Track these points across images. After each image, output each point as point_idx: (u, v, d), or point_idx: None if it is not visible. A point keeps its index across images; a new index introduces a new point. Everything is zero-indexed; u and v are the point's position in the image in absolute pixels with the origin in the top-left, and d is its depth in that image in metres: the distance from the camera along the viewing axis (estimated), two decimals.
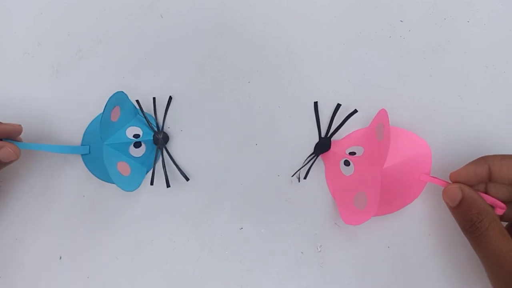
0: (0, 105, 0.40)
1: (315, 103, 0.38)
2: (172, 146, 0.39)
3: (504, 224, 0.34)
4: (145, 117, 0.38)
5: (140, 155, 0.38)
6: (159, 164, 0.38)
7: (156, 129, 0.39)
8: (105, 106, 0.34)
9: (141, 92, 0.39)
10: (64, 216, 0.38)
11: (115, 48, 0.40)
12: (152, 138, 0.38)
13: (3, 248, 0.37)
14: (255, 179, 0.38)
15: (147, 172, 0.39)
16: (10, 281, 0.37)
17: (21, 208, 0.38)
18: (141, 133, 0.38)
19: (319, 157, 0.38)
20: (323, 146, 0.38)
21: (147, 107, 0.39)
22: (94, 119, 0.39)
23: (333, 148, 0.38)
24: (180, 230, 0.38)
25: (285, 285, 0.37)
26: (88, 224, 0.38)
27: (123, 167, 0.37)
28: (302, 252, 0.37)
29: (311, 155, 0.38)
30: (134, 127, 0.38)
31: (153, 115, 0.39)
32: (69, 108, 0.39)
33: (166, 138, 0.38)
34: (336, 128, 0.38)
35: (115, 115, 0.36)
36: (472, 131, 0.38)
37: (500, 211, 0.32)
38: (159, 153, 0.38)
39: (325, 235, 0.37)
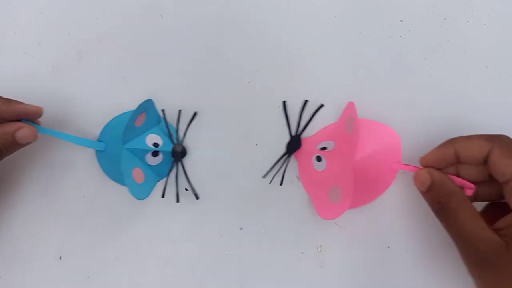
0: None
1: (284, 102, 0.38)
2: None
3: (484, 204, 0.34)
4: (167, 128, 0.38)
5: (156, 164, 0.38)
6: (171, 177, 0.38)
7: (176, 141, 0.38)
8: (134, 111, 0.35)
9: (138, 92, 0.39)
10: (64, 216, 0.38)
11: (115, 48, 0.40)
12: (170, 149, 0.38)
13: (3, 248, 0.37)
14: (255, 179, 0.38)
15: (158, 181, 0.38)
16: (10, 281, 0.37)
17: (21, 208, 0.38)
18: (160, 143, 0.38)
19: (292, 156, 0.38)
20: (294, 144, 0.38)
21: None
22: (115, 117, 0.39)
23: (304, 145, 0.38)
24: (180, 230, 0.38)
25: (285, 285, 0.37)
26: (88, 224, 0.38)
27: (138, 174, 0.37)
28: (302, 252, 0.37)
29: (284, 155, 0.38)
30: (155, 135, 0.38)
31: (176, 127, 0.39)
32: (69, 108, 0.39)
33: (184, 152, 0.38)
34: (305, 125, 0.38)
35: (140, 121, 0.37)
36: (470, 131, 0.38)
37: (469, 192, 0.32)
38: (175, 166, 0.38)
39: (325, 235, 0.37)
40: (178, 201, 0.37)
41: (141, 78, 0.40)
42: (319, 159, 0.37)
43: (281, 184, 0.38)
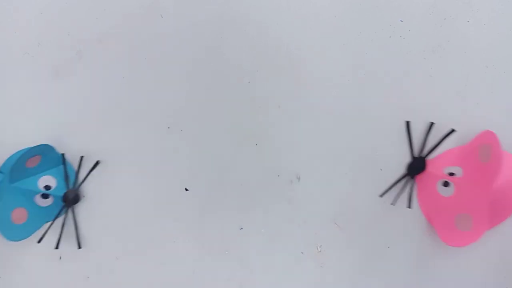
0: (0, 105, 0.40)
1: (407, 122, 0.37)
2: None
3: None
4: (65, 172, 0.37)
5: (45, 206, 0.38)
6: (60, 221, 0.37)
7: (72, 186, 0.38)
8: (25, 153, 0.34)
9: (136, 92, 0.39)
10: (64, 216, 0.38)
11: (115, 48, 0.40)
12: (62, 194, 0.37)
13: (3, 248, 0.37)
14: (255, 179, 0.38)
15: (44, 224, 0.38)
16: (10, 281, 0.37)
17: None
18: (54, 185, 0.38)
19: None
20: (418, 166, 0.37)
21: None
22: (20, 150, 0.37)
23: (429, 168, 0.37)
24: (180, 230, 0.38)
25: (285, 285, 0.37)
26: (88, 224, 0.38)
27: (19, 214, 0.36)
28: (302, 252, 0.37)
29: (404, 176, 0.37)
30: (50, 177, 0.38)
31: (76, 171, 0.38)
32: (69, 108, 0.39)
33: (76, 199, 0.37)
34: (432, 148, 0.37)
35: (33, 163, 0.36)
36: (470, 131, 0.38)
37: None
38: (63, 211, 0.37)
39: (325, 235, 0.37)
40: (57, 247, 0.37)
41: (141, 78, 0.40)
42: (446, 184, 0.36)
43: (409, 207, 0.37)
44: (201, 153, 0.39)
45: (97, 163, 0.38)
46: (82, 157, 0.38)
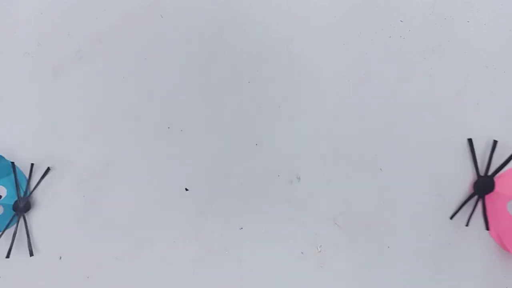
0: (0, 105, 0.40)
1: (469, 140, 0.37)
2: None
3: None
4: (16, 181, 0.37)
5: None
6: (13, 230, 0.37)
7: (23, 194, 0.37)
8: None
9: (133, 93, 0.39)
10: (64, 216, 0.38)
11: (115, 48, 0.40)
12: (13, 203, 0.37)
13: (3, 248, 0.37)
14: (255, 179, 0.38)
15: None
16: (10, 281, 0.37)
17: None
18: (4, 194, 0.37)
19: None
20: (486, 186, 0.36)
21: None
22: None
23: (498, 188, 0.35)
24: (180, 230, 0.38)
25: (285, 285, 0.37)
26: (88, 224, 0.38)
27: None
28: (302, 252, 0.37)
29: (472, 195, 0.36)
30: (0, 186, 0.38)
31: (27, 179, 0.38)
32: (69, 108, 0.39)
33: (27, 207, 0.37)
34: (499, 167, 0.35)
35: None
36: (470, 132, 0.38)
37: None
38: (15, 219, 0.37)
39: (325, 235, 0.37)
40: (8, 256, 0.36)
41: (141, 78, 0.40)
42: None
43: (467, 225, 0.36)
44: (201, 153, 0.39)
45: (48, 170, 0.38)
46: (32, 164, 0.38)
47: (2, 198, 0.37)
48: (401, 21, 0.40)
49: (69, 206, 0.38)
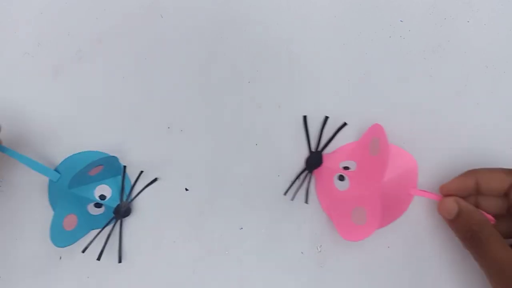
0: (0, 105, 0.40)
1: (304, 117, 0.38)
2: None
3: None
4: (122, 185, 0.37)
5: (95, 214, 0.37)
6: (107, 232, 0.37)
7: (125, 198, 0.37)
8: (92, 163, 0.34)
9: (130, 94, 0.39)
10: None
11: (115, 48, 0.40)
12: (114, 206, 0.37)
13: (3, 248, 0.37)
14: (255, 179, 0.38)
15: (89, 231, 0.37)
16: (10, 281, 0.37)
17: (21, 208, 0.38)
18: (109, 195, 0.38)
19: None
20: (315, 161, 0.37)
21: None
22: (80, 153, 0.38)
23: (325, 163, 0.37)
24: (180, 230, 0.38)
25: (285, 285, 0.37)
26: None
27: (70, 221, 0.36)
28: (302, 252, 0.37)
29: (303, 171, 0.37)
30: (106, 186, 0.38)
31: (132, 185, 0.38)
32: (69, 108, 0.39)
33: (127, 212, 0.37)
34: (327, 142, 0.37)
35: (95, 171, 0.36)
36: (470, 132, 0.38)
37: None
38: (113, 223, 0.37)
39: (325, 235, 0.37)
40: (99, 259, 0.36)
41: (141, 78, 0.40)
42: (341, 178, 0.37)
43: (306, 202, 0.37)
44: (201, 153, 0.39)
45: (155, 180, 0.38)
46: (141, 172, 0.38)
47: (107, 198, 0.37)
48: (401, 21, 0.40)
49: None
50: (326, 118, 0.38)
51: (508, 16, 0.40)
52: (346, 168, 0.37)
